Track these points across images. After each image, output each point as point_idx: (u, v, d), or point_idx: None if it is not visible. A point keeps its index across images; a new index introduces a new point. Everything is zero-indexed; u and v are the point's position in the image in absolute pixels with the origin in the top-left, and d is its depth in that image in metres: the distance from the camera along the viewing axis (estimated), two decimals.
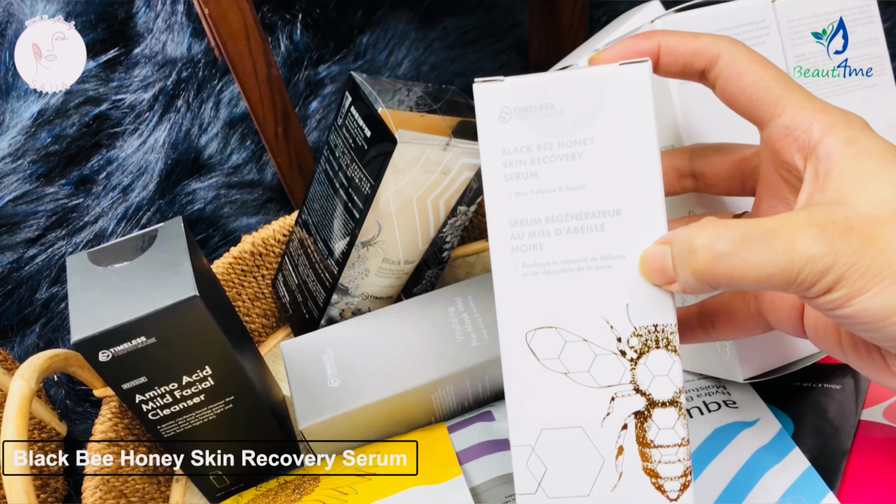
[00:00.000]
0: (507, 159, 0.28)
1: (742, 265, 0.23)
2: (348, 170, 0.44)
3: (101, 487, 0.42)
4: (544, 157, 0.28)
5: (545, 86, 0.28)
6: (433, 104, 0.43)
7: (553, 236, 0.28)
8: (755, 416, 0.37)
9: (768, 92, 0.26)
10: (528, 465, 0.29)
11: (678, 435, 0.28)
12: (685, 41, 0.28)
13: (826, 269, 0.23)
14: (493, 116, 0.28)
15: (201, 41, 0.91)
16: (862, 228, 0.23)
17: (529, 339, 0.29)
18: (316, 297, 0.49)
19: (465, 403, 0.46)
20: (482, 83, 0.28)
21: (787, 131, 0.26)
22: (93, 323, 0.35)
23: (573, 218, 0.28)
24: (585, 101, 0.27)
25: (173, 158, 0.82)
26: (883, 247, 0.23)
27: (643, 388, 0.28)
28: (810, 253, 0.23)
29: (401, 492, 0.37)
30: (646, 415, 0.28)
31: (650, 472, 0.28)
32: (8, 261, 0.75)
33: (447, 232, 0.47)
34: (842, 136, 0.25)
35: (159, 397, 0.39)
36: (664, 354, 0.28)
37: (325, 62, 0.88)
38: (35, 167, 0.82)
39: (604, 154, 0.28)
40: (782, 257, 0.23)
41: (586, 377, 0.28)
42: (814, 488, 0.33)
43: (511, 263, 0.28)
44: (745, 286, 0.24)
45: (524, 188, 0.28)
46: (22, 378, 0.37)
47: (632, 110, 0.27)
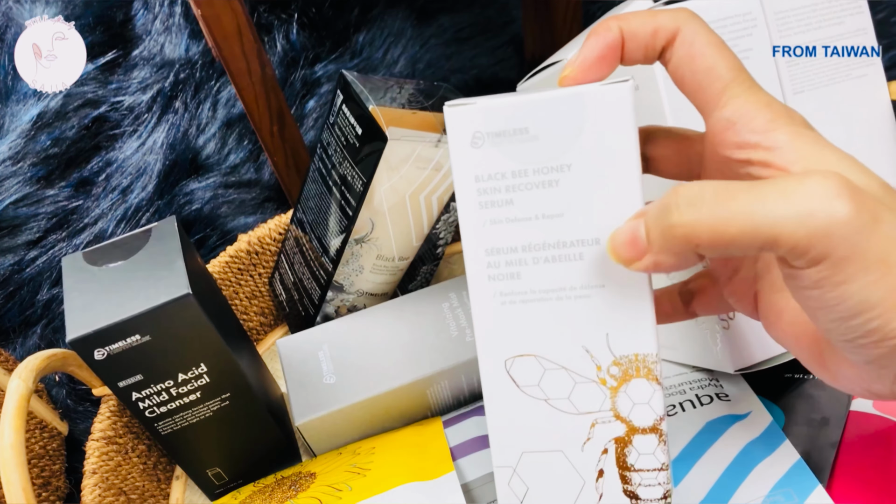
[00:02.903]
0: (481, 186, 0.27)
1: (726, 218, 0.21)
2: (341, 168, 0.44)
3: (100, 485, 0.43)
4: (519, 184, 0.27)
5: (519, 109, 0.26)
6: (425, 101, 0.44)
7: (530, 265, 0.27)
8: (747, 409, 0.38)
9: (717, 80, 0.25)
10: (511, 485, 0.29)
11: (658, 460, 0.28)
12: (644, 21, 0.26)
13: (826, 234, 0.20)
14: (465, 142, 0.27)
15: (199, 42, 0.92)
16: (871, 201, 0.21)
17: (509, 366, 0.28)
18: (311, 294, 0.49)
19: (460, 398, 0.46)
20: (452, 107, 0.27)
21: (729, 124, 0.25)
22: (88, 322, 0.35)
23: (551, 247, 0.27)
24: (562, 126, 0.26)
25: (171, 159, 0.82)
26: (884, 229, 0.21)
27: (623, 414, 0.28)
28: (815, 207, 0.20)
29: (394, 488, 0.37)
30: (626, 440, 0.28)
31: (630, 493, 0.28)
32: (9, 263, 0.76)
33: (441, 228, 0.47)
34: (788, 129, 0.24)
35: (155, 395, 0.39)
36: (644, 383, 0.27)
37: (322, 61, 0.89)
38: (35, 170, 0.82)
39: (582, 181, 0.26)
40: (777, 206, 0.20)
41: (566, 404, 0.28)
42: (803, 481, 0.33)
43: (488, 292, 0.28)
44: (728, 243, 0.21)
45: (499, 216, 0.27)
46: (20, 377, 0.38)
47: (612, 135, 0.26)
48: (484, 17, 0.90)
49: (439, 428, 0.43)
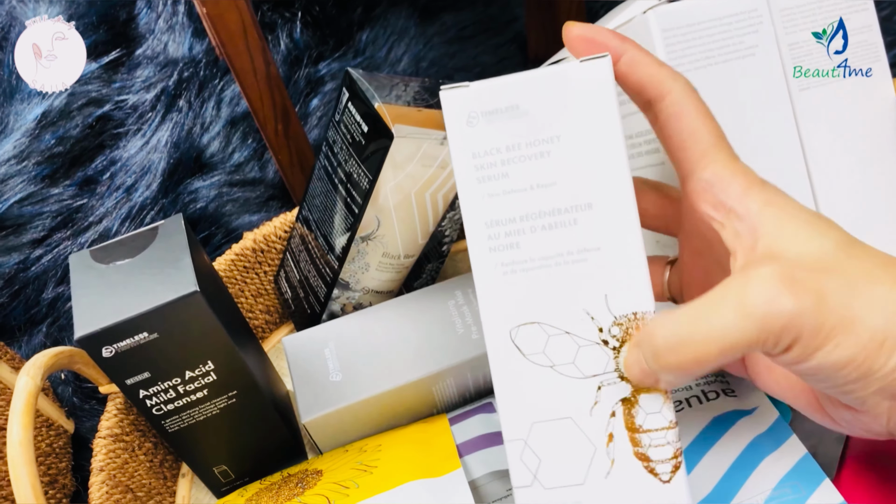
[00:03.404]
0: (478, 162, 0.29)
1: (703, 346, 0.24)
2: (347, 165, 0.44)
3: (107, 482, 0.43)
4: (513, 157, 0.28)
5: (509, 87, 0.28)
6: (430, 99, 0.44)
7: (528, 234, 0.28)
8: (753, 404, 0.38)
9: (699, 143, 0.27)
10: (523, 459, 0.29)
11: (665, 418, 0.28)
12: (649, 64, 0.28)
13: (783, 327, 0.23)
14: (462, 121, 0.29)
15: (202, 41, 0.92)
16: (808, 281, 0.23)
17: (514, 335, 0.29)
18: (317, 292, 0.49)
19: (466, 395, 0.46)
20: (448, 90, 0.29)
21: (707, 186, 0.27)
22: (95, 319, 0.35)
23: (546, 215, 0.28)
24: (549, 100, 0.28)
25: (176, 158, 0.82)
26: (832, 300, 0.23)
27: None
28: (763, 311, 0.23)
29: (401, 485, 0.37)
30: (632, 401, 0.28)
31: (641, 456, 0.29)
32: (14, 261, 0.76)
33: (446, 226, 0.47)
34: (759, 198, 0.26)
35: (163, 392, 0.39)
36: None
37: (325, 60, 0.89)
38: (40, 169, 0.83)
39: (571, 150, 0.28)
40: (736, 324, 0.23)
41: (572, 368, 0.29)
42: (810, 474, 0.33)
43: (490, 264, 0.29)
44: (715, 362, 0.24)
45: (496, 189, 0.29)
46: (27, 375, 0.38)
47: (595, 106, 0.28)
48: (487, 16, 0.90)
49: (445, 425, 0.43)
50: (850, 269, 0.24)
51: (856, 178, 0.38)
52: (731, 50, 0.36)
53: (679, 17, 0.35)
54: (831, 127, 0.38)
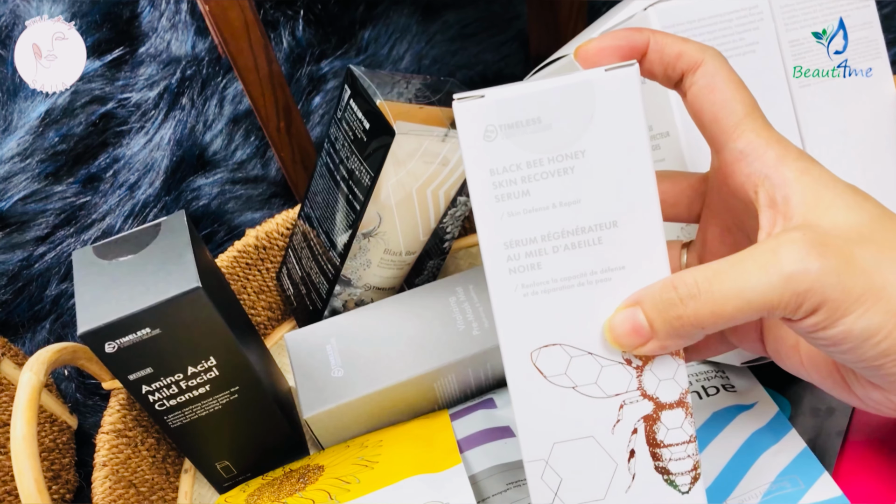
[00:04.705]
0: (497, 179, 0.27)
1: (721, 300, 0.24)
2: (348, 162, 0.44)
3: (110, 478, 0.43)
4: (535, 174, 0.27)
5: (530, 99, 0.26)
6: (432, 96, 0.44)
7: (550, 254, 0.27)
8: (753, 399, 0.38)
9: (732, 114, 0.26)
10: (544, 478, 0.29)
11: (686, 433, 0.28)
12: (676, 41, 0.28)
13: (809, 289, 0.23)
14: (478, 136, 0.27)
15: (205, 39, 0.92)
16: (837, 247, 0.23)
17: (535, 357, 0.28)
18: (319, 288, 0.50)
19: (467, 391, 0.47)
20: (462, 101, 0.27)
21: (741, 156, 0.26)
22: (98, 315, 0.36)
23: (570, 234, 0.27)
24: (573, 113, 0.26)
25: (178, 155, 0.83)
26: (862, 266, 0.23)
27: (650, 392, 0.28)
28: (790, 270, 0.23)
29: (402, 480, 0.38)
30: (654, 417, 0.28)
31: (662, 469, 0.28)
32: (18, 259, 0.76)
33: (448, 223, 0.48)
34: (796, 166, 0.25)
35: (165, 388, 0.39)
36: (668, 359, 0.27)
37: (328, 58, 0.89)
38: (43, 166, 0.83)
39: (596, 166, 0.26)
40: (760, 280, 0.23)
41: (594, 389, 0.28)
42: (809, 468, 0.33)
43: (510, 285, 0.28)
44: (729, 320, 0.24)
45: (516, 208, 0.27)
46: (31, 370, 0.38)
47: (622, 117, 0.26)
48: (489, 14, 0.91)
49: (446, 420, 0.43)
50: (885, 239, 0.24)
51: (856, 176, 0.38)
52: (731, 46, 0.36)
53: (680, 14, 0.35)
54: (831, 124, 0.38)
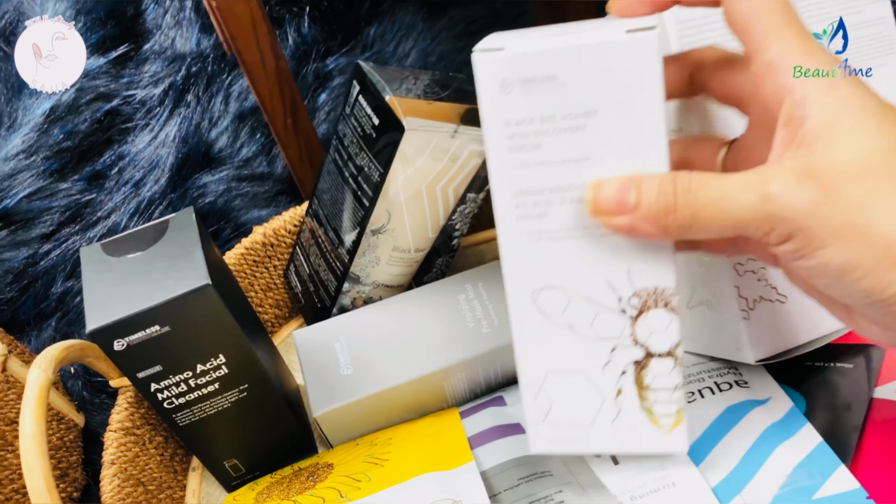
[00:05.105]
0: (510, 131, 0.28)
1: (702, 203, 0.24)
2: (357, 158, 0.44)
3: (118, 476, 0.43)
4: (547, 129, 0.27)
5: (547, 56, 0.26)
6: (441, 92, 0.43)
7: (557, 206, 0.28)
8: (767, 394, 0.37)
9: (763, 21, 0.25)
10: (536, 401, 0.32)
11: (673, 381, 0.30)
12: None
13: (780, 215, 0.23)
14: (495, 88, 0.27)
15: (210, 36, 0.92)
16: (824, 178, 0.22)
17: (535, 297, 0.30)
18: (327, 286, 0.49)
19: (476, 390, 0.46)
20: (482, 53, 0.27)
21: (769, 68, 0.25)
22: (107, 312, 0.35)
23: (577, 188, 0.28)
24: (589, 73, 0.26)
25: (184, 152, 0.82)
26: (847, 200, 0.22)
27: (642, 341, 0.29)
28: (767, 192, 0.23)
29: (413, 478, 0.37)
30: (644, 363, 0.30)
31: (647, 409, 0.30)
32: (23, 256, 0.76)
33: (457, 219, 0.47)
34: (822, 82, 0.24)
35: (174, 386, 0.39)
36: (663, 313, 0.29)
37: (333, 54, 0.89)
38: (48, 163, 0.83)
39: (608, 126, 0.27)
40: (739, 196, 0.23)
41: (588, 331, 0.30)
42: (826, 461, 0.33)
43: (516, 231, 0.29)
44: (706, 226, 0.24)
45: (528, 160, 0.28)
46: (39, 368, 0.38)
47: (638, 81, 0.26)
48: (495, 10, 0.90)
49: (456, 418, 0.43)
50: (889, 174, 0.22)
51: None
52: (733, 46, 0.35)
53: (693, 9, 0.35)
54: None
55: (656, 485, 0.34)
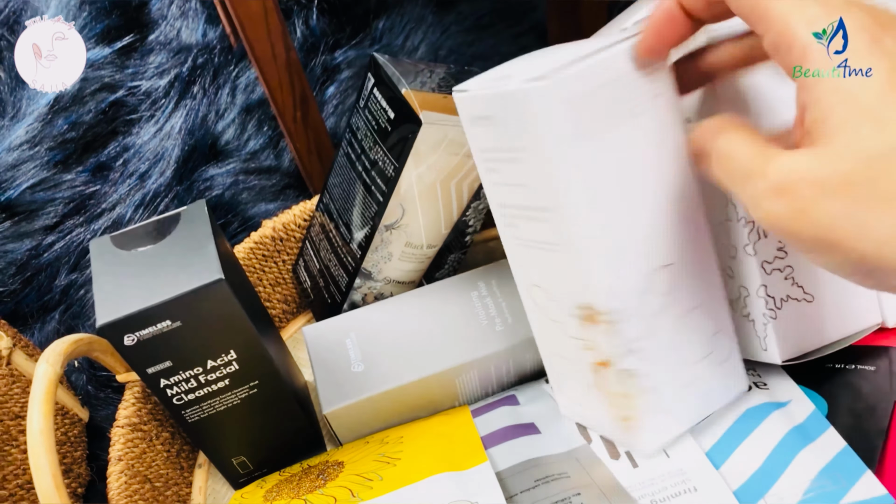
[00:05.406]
0: (482, 156, 0.33)
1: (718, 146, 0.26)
2: (371, 152, 0.43)
3: (125, 472, 0.42)
4: (497, 157, 0.32)
5: (482, 100, 0.31)
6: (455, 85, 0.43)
7: (521, 219, 0.33)
8: (787, 397, 0.37)
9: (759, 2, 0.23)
10: (551, 376, 0.39)
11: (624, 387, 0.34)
12: None
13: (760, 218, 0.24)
14: (468, 121, 0.33)
15: (216, 27, 0.91)
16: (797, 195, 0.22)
17: (529, 291, 0.36)
18: (338, 281, 0.49)
19: (488, 388, 0.46)
20: (456, 93, 0.33)
21: (774, 51, 0.23)
22: (118, 307, 0.35)
23: (526, 208, 0.32)
24: (513, 116, 0.30)
25: (190, 145, 0.82)
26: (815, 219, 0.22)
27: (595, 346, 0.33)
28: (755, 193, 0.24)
29: (427, 478, 0.37)
30: (607, 364, 0.33)
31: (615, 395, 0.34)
32: (27, 248, 0.76)
33: (470, 216, 0.46)
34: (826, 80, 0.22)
35: (184, 382, 0.38)
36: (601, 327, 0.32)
37: (342, 47, 0.88)
38: (52, 154, 0.82)
39: (532, 162, 0.30)
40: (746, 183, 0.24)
41: (563, 327, 0.34)
42: (851, 467, 0.32)
43: (507, 235, 0.35)
44: None
45: (495, 180, 0.33)
46: (47, 362, 0.37)
47: (548, 125, 0.28)
48: (504, 4, 0.89)
49: (468, 417, 0.42)
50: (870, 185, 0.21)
51: None
52: None
53: None
54: None
55: (677, 489, 0.33)
